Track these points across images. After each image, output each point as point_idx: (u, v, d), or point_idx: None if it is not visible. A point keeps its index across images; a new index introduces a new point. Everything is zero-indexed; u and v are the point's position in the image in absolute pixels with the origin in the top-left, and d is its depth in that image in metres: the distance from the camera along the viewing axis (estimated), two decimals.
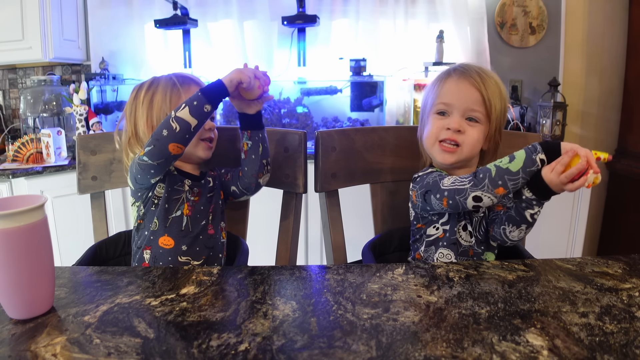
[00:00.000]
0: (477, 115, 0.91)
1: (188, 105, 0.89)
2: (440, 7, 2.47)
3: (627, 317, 0.59)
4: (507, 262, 0.79)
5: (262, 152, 1.02)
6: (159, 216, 0.97)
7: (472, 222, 0.98)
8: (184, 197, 0.99)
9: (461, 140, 0.92)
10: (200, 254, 0.99)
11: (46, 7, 2.19)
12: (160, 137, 0.88)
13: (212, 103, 0.90)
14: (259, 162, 1.02)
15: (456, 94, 0.91)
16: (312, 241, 2.22)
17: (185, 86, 1.02)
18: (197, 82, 1.04)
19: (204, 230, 1.01)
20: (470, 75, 0.91)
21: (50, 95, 2.36)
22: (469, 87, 0.91)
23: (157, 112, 1.00)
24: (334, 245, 1.11)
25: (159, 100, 1.00)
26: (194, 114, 0.89)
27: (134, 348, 0.53)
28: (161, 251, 0.97)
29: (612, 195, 2.64)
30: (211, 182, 1.05)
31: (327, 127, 2.46)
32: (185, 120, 0.88)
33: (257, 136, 1.01)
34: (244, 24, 2.52)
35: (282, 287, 0.71)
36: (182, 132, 0.88)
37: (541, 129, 2.40)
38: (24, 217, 0.59)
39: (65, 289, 0.69)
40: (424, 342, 0.54)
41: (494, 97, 0.91)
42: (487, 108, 0.90)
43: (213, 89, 0.91)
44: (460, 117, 0.92)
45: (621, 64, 2.57)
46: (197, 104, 0.89)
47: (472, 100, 0.91)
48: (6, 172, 1.90)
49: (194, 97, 0.90)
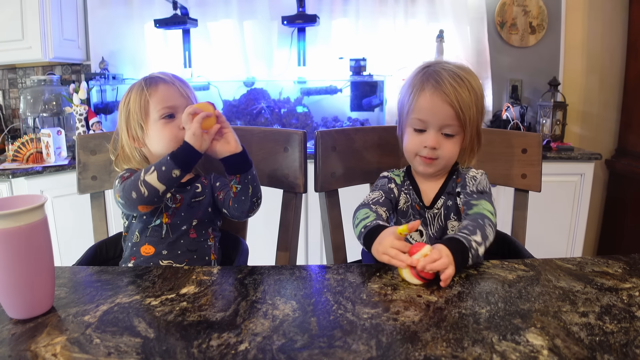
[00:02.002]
0: (453, 130, 0.92)
1: (156, 170, 0.86)
2: (440, 6, 2.47)
3: (627, 317, 0.59)
4: (507, 262, 0.79)
5: (252, 192, 0.94)
6: (138, 228, 0.98)
7: (425, 220, 0.98)
8: (163, 207, 0.98)
9: (437, 155, 0.93)
10: (182, 257, 0.98)
11: (46, 6, 2.19)
12: (130, 197, 0.87)
13: (181, 167, 0.87)
14: (249, 202, 0.95)
15: (430, 110, 0.91)
16: (312, 241, 2.22)
17: (153, 88, 0.97)
18: (165, 80, 0.98)
19: (185, 234, 0.99)
20: (443, 91, 0.89)
21: (50, 95, 2.36)
22: (442, 103, 0.89)
23: (133, 122, 0.98)
24: (334, 245, 1.11)
25: (132, 110, 0.98)
26: (161, 179, 0.86)
27: (134, 348, 0.53)
28: (142, 259, 0.97)
29: (612, 195, 2.64)
30: (199, 187, 1.02)
31: (327, 126, 2.46)
32: (153, 185, 0.86)
33: (247, 178, 0.93)
34: (244, 23, 2.52)
35: (282, 286, 0.71)
36: (151, 197, 0.87)
37: (541, 128, 2.40)
38: (24, 217, 0.59)
39: (65, 289, 0.69)
40: (424, 342, 0.54)
41: (467, 109, 0.89)
42: (461, 120, 0.90)
43: (181, 152, 0.87)
44: (436, 132, 0.92)
45: (621, 64, 2.57)
46: (165, 169, 0.86)
47: (446, 116, 0.90)
48: (6, 172, 1.90)
49: (162, 161, 0.87)
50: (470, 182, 0.95)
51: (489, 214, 0.87)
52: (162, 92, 0.97)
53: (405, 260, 0.72)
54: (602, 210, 2.71)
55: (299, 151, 1.09)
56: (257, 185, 0.96)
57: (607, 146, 2.63)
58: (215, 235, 1.05)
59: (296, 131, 1.09)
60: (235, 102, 2.47)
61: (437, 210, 0.98)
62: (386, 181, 1.01)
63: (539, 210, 1.91)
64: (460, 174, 0.98)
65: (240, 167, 0.93)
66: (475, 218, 0.85)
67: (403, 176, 1.02)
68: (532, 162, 1.13)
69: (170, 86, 0.98)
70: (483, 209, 0.88)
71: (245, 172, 0.93)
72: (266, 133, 1.12)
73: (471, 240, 0.78)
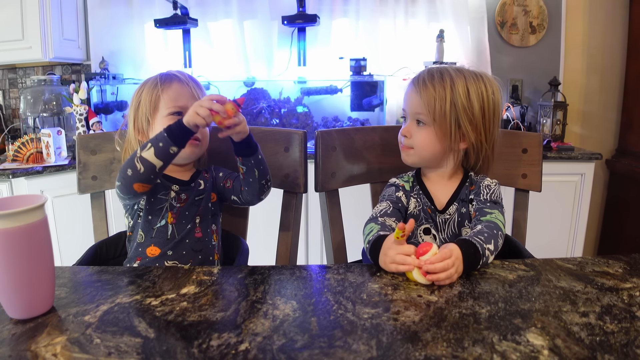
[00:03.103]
0: (422, 118, 0.95)
1: (153, 145, 0.86)
2: (440, 6, 2.47)
3: (627, 317, 0.59)
4: (508, 262, 0.79)
5: (259, 175, 0.97)
6: (143, 228, 0.97)
7: (436, 224, 0.98)
8: (167, 206, 0.97)
9: (410, 143, 0.97)
10: (187, 257, 0.98)
11: (46, 6, 2.19)
12: (125, 176, 0.87)
13: (178, 145, 0.86)
14: (258, 184, 0.97)
15: (407, 100, 0.98)
16: (313, 241, 2.22)
17: (167, 84, 0.97)
18: (180, 79, 0.99)
19: (190, 233, 0.99)
20: (416, 83, 0.96)
21: (50, 95, 2.36)
22: (413, 94, 0.96)
23: (141, 114, 0.98)
24: (334, 244, 1.11)
25: (143, 102, 0.98)
26: (159, 155, 0.86)
27: (134, 348, 0.53)
28: (148, 260, 0.96)
29: (613, 195, 2.64)
30: (202, 184, 1.02)
31: (327, 126, 2.46)
32: (150, 161, 0.85)
33: (250, 162, 0.95)
34: (244, 23, 2.52)
35: (282, 286, 0.71)
36: (147, 173, 0.86)
37: (541, 128, 2.40)
38: (24, 217, 0.59)
39: (65, 289, 0.69)
40: (424, 342, 0.54)
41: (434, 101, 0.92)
42: (428, 110, 0.94)
43: (177, 129, 0.86)
44: (412, 121, 0.97)
45: (621, 63, 2.57)
46: (162, 145, 0.85)
47: (414, 104, 0.96)
48: (6, 171, 1.90)
49: (159, 137, 0.86)
50: (484, 191, 0.96)
51: (502, 225, 0.88)
52: (175, 90, 0.97)
53: (413, 262, 0.72)
54: (602, 210, 2.71)
55: (299, 151, 1.09)
56: (264, 169, 0.98)
57: (607, 146, 2.63)
58: (218, 233, 1.06)
59: (296, 131, 1.09)
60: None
61: (449, 216, 0.97)
62: (393, 190, 1.01)
63: (540, 210, 1.91)
64: (474, 182, 0.99)
65: (243, 152, 0.94)
66: (490, 227, 0.85)
67: (412, 181, 1.02)
68: (532, 162, 1.13)
69: (184, 86, 0.98)
70: (496, 219, 0.89)
71: (254, 153, 0.95)
72: (266, 133, 1.12)
73: (485, 248, 0.78)
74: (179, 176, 1.00)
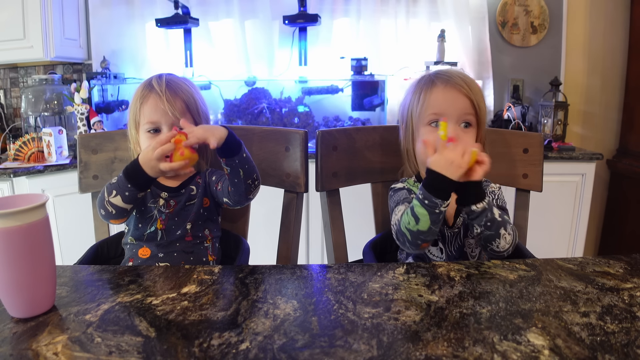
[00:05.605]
0: (470, 119, 0.92)
1: (119, 194, 0.88)
2: (441, 6, 2.47)
3: (628, 317, 0.59)
4: (509, 262, 0.79)
5: (245, 174, 0.93)
6: (134, 234, 0.99)
7: (444, 238, 0.97)
8: (156, 214, 0.98)
9: None
10: (178, 258, 0.99)
11: (47, 6, 2.20)
12: (101, 212, 0.92)
13: (143, 189, 0.89)
14: (243, 184, 0.94)
15: (446, 102, 0.91)
16: (313, 240, 2.22)
17: (145, 97, 0.96)
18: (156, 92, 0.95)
19: (181, 238, 0.99)
20: (457, 82, 0.91)
21: (52, 94, 2.36)
22: (458, 94, 0.91)
23: (130, 124, 1.01)
24: (335, 244, 1.11)
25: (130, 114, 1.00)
26: (127, 201, 0.89)
27: (135, 347, 0.53)
28: (140, 261, 0.98)
29: (613, 195, 2.64)
30: (195, 190, 1.02)
31: (328, 126, 2.46)
32: (120, 206, 0.90)
33: (234, 162, 0.91)
34: (245, 23, 2.52)
35: (283, 286, 0.71)
36: (119, 214, 0.91)
37: (542, 128, 2.40)
38: (25, 216, 0.59)
39: (66, 288, 0.70)
40: (425, 342, 0.54)
41: (480, 101, 0.92)
42: (477, 112, 0.91)
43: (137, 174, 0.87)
44: (455, 124, 0.92)
45: (622, 64, 2.57)
46: (128, 194, 0.88)
47: (463, 106, 0.91)
48: (7, 171, 1.91)
49: (122, 185, 0.87)
50: (489, 197, 0.93)
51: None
52: (150, 107, 0.96)
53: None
54: (603, 210, 2.71)
55: (300, 151, 1.08)
56: (250, 168, 0.94)
57: (608, 146, 2.63)
58: (214, 236, 1.05)
59: (297, 131, 1.09)
60: (237, 101, 2.47)
61: (457, 230, 0.96)
62: (405, 192, 0.97)
63: (540, 210, 1.91)
64: None
65: (224, 153, 0.91)
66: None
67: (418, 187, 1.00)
68: (533, 162, 1.13)
69: (158, 100, 0.95)
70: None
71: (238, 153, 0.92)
72: (267, 133, 1.12)
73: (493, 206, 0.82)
74: (169, 183, 1.01)
